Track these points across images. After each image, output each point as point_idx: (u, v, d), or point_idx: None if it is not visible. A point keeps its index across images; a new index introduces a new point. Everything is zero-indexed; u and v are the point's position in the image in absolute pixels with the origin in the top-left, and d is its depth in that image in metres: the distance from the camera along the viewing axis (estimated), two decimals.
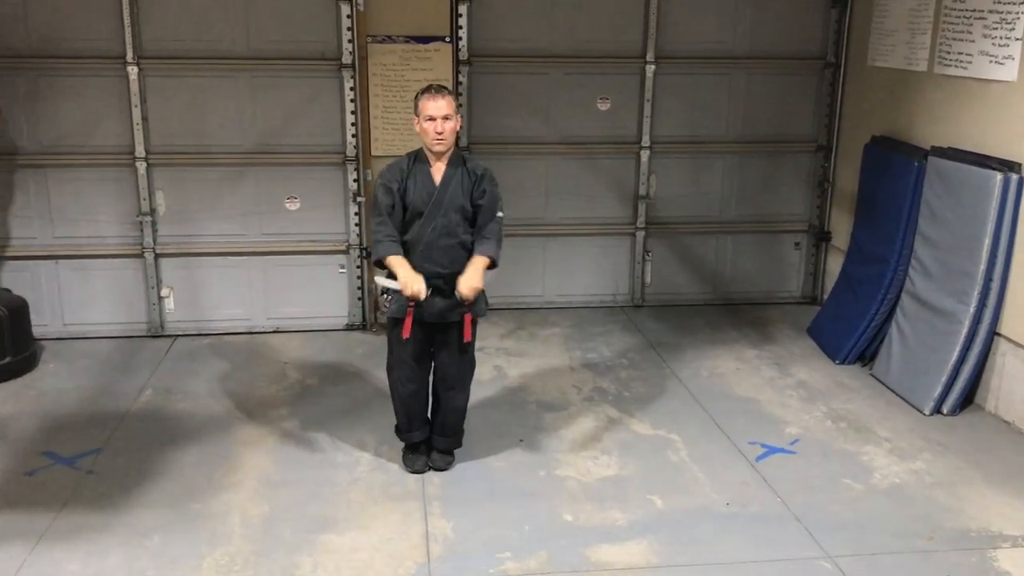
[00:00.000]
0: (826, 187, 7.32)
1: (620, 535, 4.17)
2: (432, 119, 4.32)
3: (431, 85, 4.44)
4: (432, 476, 4.66)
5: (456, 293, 4.34)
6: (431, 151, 4.41)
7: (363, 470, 4.71)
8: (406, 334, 4.36)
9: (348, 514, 4.30)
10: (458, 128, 4.47)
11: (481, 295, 4.48)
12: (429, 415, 4.75)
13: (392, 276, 4.34)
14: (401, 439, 4.75)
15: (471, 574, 3.87)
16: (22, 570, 3.83)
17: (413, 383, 4.58)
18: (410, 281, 4.24)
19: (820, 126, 7.26)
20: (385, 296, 4.45)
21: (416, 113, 4.40)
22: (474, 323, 4.52)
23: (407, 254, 4.38)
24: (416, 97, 4.41)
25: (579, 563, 3.96)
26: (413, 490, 4.52)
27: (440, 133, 4.32)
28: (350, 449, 4.93)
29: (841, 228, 7.13)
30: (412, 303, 4.32)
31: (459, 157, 4.50)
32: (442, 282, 4.40)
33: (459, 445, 4.80)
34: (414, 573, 3.87)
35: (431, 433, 4.76)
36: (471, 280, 4.34)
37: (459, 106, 6.67)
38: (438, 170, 4.43)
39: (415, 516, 4.29)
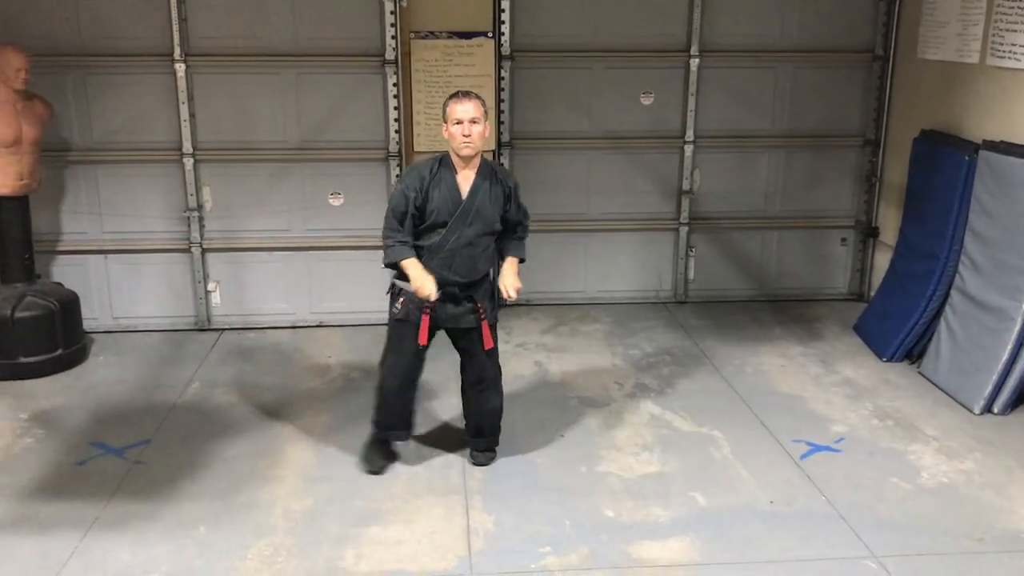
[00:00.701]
0: (874, 182, 7.20)
1: (662, 532, 4.15)
2: (460, 122, 4.24)
3: (459, 90, 4.39)
4: (474, 471, 4.67)
5: (504, 296, 4.43)
6: (459, 155, 4.32)
7: (405, 464, 4.74)
8: (423, 340, 4.39)
9: (391, 507, 4.33)
10: (487, 135, 4.41)
11: (493, 300, 4.53)
12: (414, 419, 4.74)
13: (404, 277, 4.35)
14: (373, 432, 4.70)
15: (512, 568, 3.87)
16: (73, 558, 3.91)
17: (397, 379, 4.54)
18: (424, 282, 4.24)
19: (868, 120, 7.15)
20: (399, 297, 4.43)
21: (444, 119, 4.33)
22: (493, 329, 4.53)
23: (424, 259, 4.36)
24: (444, 104, 4.35)
25: (620, 559, 3.94)
26: (455, 484, 4.54)
27: (467, 136, 4.23)
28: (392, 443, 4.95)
29: (889, 223, 7.02)
30: (428, 308, 4.34)
31: (488, 166, 4.44)
32: (457, 289, 4.40)
33: (496, 443, 4.80)
34: (456, 566, 3.89)
35: (466, 435, 4.77)
36: (515, 280, 4.44)
37: (500, 102, 6.74)
38: (465, 178, 4.35)
39: (457, 510, 4.31)
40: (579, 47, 6.83)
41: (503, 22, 6.63)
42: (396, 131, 6.53)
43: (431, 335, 4.46)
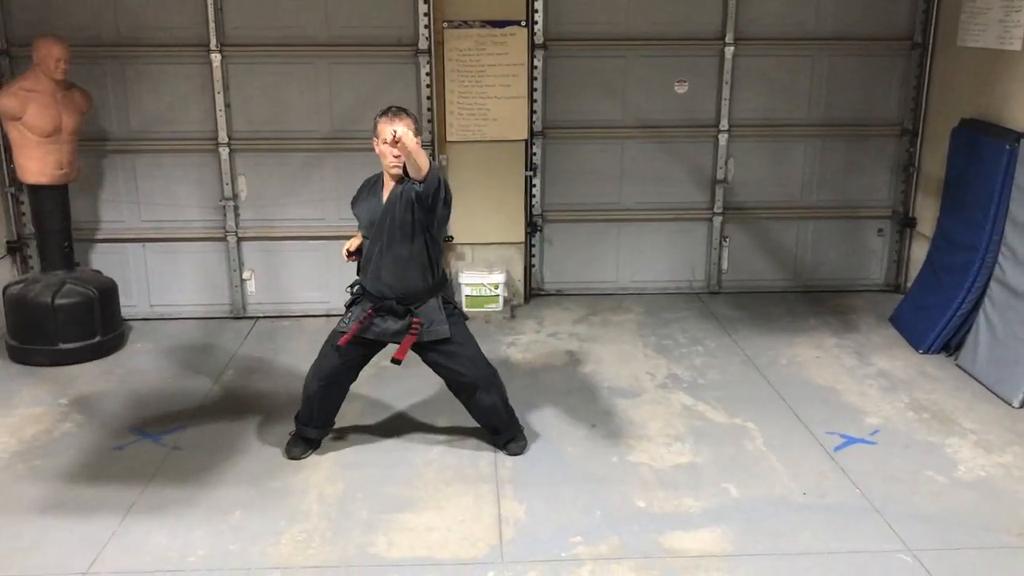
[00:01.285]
0: (911, 172, 7.10)
1: (694, 522, 4.13)
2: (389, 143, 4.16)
3: (391, 107, 4.30)
4: (505, 460, 4.68)
5: (393, 133, 4.01)
6: (388, 173, 4.31)
7: (437, 452, 4.76)
8: (343, 342, 4.41)
9: (422, 495, 4.36)
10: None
11: (448, 319, 4.43)
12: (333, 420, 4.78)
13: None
14: (296, 426, 4.74)
15: (543, 557, 3.88)
16: (112, 541, 3.98)
17: (320, 381, 4.56)
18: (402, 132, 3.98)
19: (906, 109, 7.05)
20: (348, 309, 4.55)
21: (375, 134, 4.27)
22: (441, 346, 4.44)
23: (360, 275, 4.50)
24: (375, 119, 4.28)
25: (651, 549, 3.94)
26: (486, 472, 4.55)
27: (397, 157, 4.16)
28: (424, 431, 4.98)
29: (926, 214, 6.92)
30: (364, 317, 4.38)
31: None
32: (394, 303, 4.38)
33: (519, 431, 4.79)
34: (487, 554, 3.91)
35: (486, 433, 4.78)
36: (409, 139, 3.97)
37: (533, 91, 6.72)
38: (387, 189, 4.35)
39: (488, 498, 4.33)
40: (613, 35, 6.79)
41: (536, 10, 6.61)
42: (429, 121, 6.54)
43: (375, 350, 4.56)
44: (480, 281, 6.70)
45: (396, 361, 4.41)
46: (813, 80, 6.97)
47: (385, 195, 4.35)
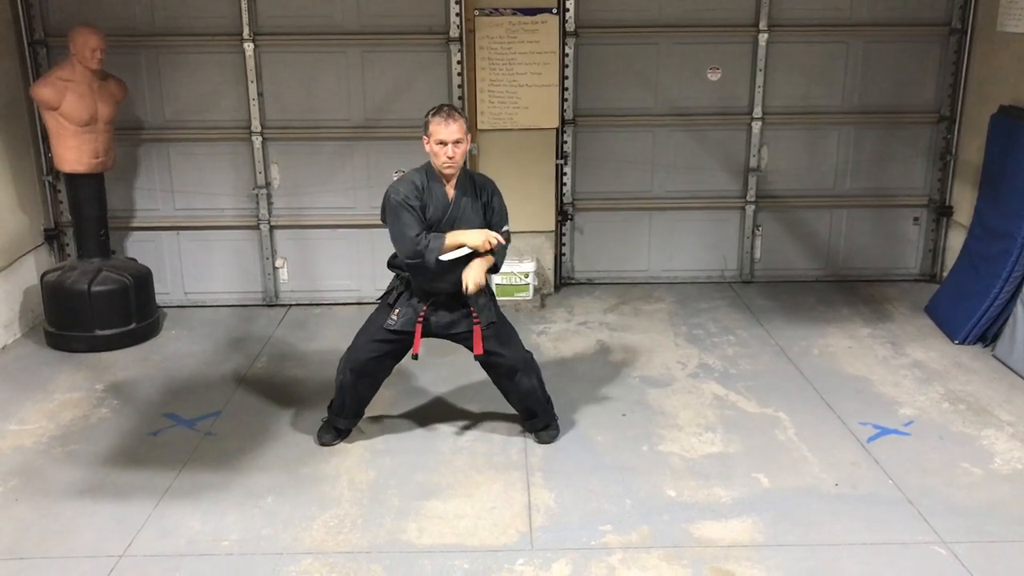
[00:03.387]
0: (948, 159, 7.00)
1: (724, 512, 4.12)
2: (443, 143, 4.22)
3: (443, 106, 4.33)
4: (535, 447, 4.69)
5: (463, 287, 4.29)
6: (441, 173, 4.34)
7: (466, 439, 4.78)
8: (416, 350, 4.43)
9: (452, 482, 4.38)
10: (468, 149, 4.39)
11: (489, 301, 4.51)
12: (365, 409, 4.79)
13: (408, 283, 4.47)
14: (328, 415, 4.77)
15: (572, 545, 3.89)
16: (147, 524, 4.04)
17: (353, 372, 4.57)
18: (481, 237, 4.24)
19: (943, 95, 6.94)
20: (395, 307, 4.48)
21: (426, 133, 4.30)
22: (487, 329, 4.46)
23: (412, 274, 4.42)
24: (427, 116, 4.30)
25: (682, 538, 3.93)
26: (516, 460, 4.56)
27: (451, 157, 4.23)
28: (454, 418, 5.00)
29: (963, 202, 6.82)
30: (420, 318, 4.39)
31: (467, 176, 4.43)
32: (447, 298, 4.43)
33: (554, 418, 4.80)
34: (516, 541, 3.92)
35: (522, 418, 4.79)
36: (476, 275, 4.29)
37: (564, 79, 6.70)
38: (450, 188, 4.37)
39: (517, 486, 4.34)
40: (645, 22, 6.74)
41: None
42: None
43: (397, 337, 4.50)
44: (510, 270, 6.70)
45: (414, 356, 4.48)
46: (848, 67, 6.88)
47: (449, 193, 4.36)
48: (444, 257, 4.28)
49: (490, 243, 4.27)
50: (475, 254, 4.33)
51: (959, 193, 6.94)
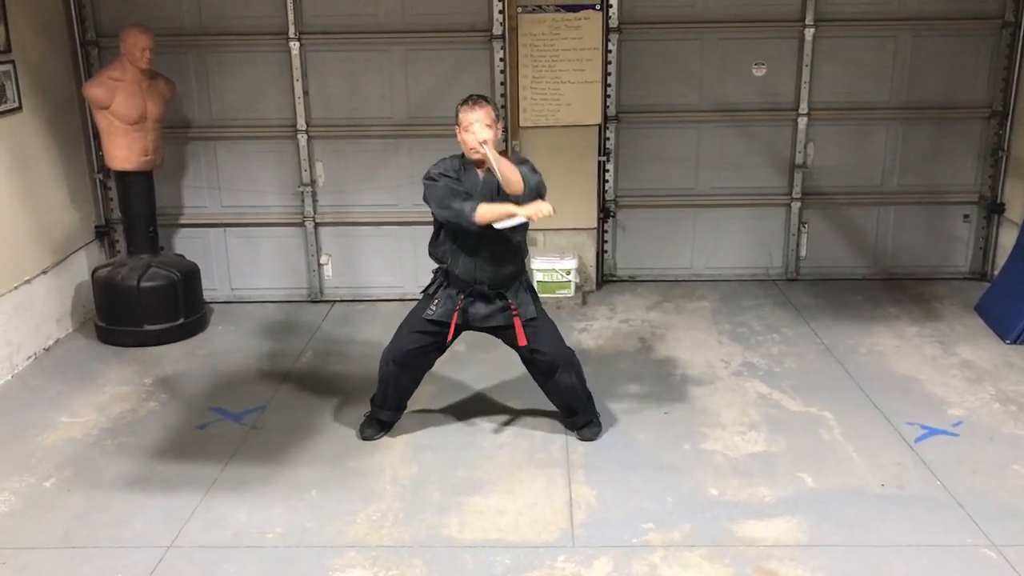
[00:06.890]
0: (1000, 155, 6.85)
1: (767, 511, 4.08)
2: (469, 128, 4.21)
3: (471, 96, 4.33)
4: (577, 445, 4.68)
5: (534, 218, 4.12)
6: (472, 159, 4.34)
7: (508, 435, 4.79)
8: (451, 337, 4.46)
9: (493, 478, 4.39)
10: (498, 137, 4.34)
11: (529, 297, 4.50)
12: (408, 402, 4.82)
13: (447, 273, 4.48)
14: (371, 408, 4.79)
15: (614, 543, 3.88)
16: (194, 516, 4.11)
17: (395, 363, 4.59)
18: (533, 207, 4.10)
19: (995, 90, 6.80)
20: (434, 298, 4.50)
21: (457, 122, 4.30)
22: (527, 325, 4.46)
23: (450, 263, 4.44)
24: (457, 108, 4.31)
25: (724, 537, 3.90)
26: (557, 457, 4.57)
27: (482, 142, 4.18)
28: (495, 414, 5.01)
29: (1016, 199, 6.68)
30: (457, 307, 4.41)
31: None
32: (485, 287, 4.42)
33: (595, 415, 4.80)
34: (558, 538, 3.92)
35: (563, 415, 4.78)
36: (535, 209, 4.09)
37: (607, 75, 6.67)
38: (483, 171, 4.35)
39: (559, 483, 4.34)
40: (689, 18, 6.69)
41: None
42: (502, 106, 6.55)
43: (457, 334, 4.52)
44: (552, 267, 6.70)
45: (447, 344, 4.54)
46: (896, 61, 6.77)
47: (480, 175, 4.37)
48: (499, 225, 4.20)
49: (541, 213, 4.15)
50: (525, 226, 4.31)
51: (1011, 190, 6.80)
